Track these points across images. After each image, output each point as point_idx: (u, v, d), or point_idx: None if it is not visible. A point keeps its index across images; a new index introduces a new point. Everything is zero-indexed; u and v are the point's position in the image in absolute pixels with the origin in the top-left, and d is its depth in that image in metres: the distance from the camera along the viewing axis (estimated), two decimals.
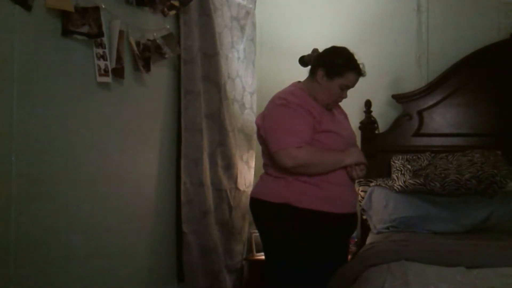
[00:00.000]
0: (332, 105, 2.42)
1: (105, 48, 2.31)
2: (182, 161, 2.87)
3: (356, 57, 2.37)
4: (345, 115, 2.56)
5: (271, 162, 2.33)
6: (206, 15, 3.04)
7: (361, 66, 2.36)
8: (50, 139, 2.06)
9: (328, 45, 2.45)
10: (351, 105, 2.96)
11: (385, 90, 3.61)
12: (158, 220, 2.79)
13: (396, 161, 3.27)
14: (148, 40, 2.63)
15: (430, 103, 3.47)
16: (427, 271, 1.90)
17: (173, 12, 2.78)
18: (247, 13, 3.58)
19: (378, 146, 3.40)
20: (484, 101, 3.39)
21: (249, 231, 3.53)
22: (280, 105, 2.29)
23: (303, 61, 2.48)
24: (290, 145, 2.20)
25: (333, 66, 2.33)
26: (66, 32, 2.10)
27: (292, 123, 2.24)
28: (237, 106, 3.42)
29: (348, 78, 2.34)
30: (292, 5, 3.86)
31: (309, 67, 2.45)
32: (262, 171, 2.46)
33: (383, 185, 3.12)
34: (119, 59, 2.39)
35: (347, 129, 2.45)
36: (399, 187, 3.02)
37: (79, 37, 2.15)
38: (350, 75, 2.33)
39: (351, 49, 2.39)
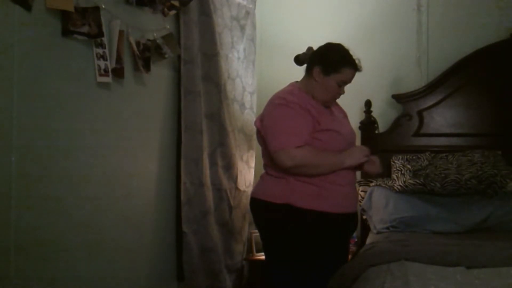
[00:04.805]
0: (330, 102, 2.41)
1: (105, 48, 2.31)
2: (182, 161, 2.87)
3: (352, 52, 2.37)
4: (344, 114, 2.56)
5: (271, 162, 2.33)
6: (206, 15, 3.04)
7: (357, 61, 2.36)
8: (50, 139, 2.06)
9: None
10: (351, 105, 2.97)
11: (385, 90, 3.61)
12: (158, 220, 2.79)
13: (396, 161, 3.27)
14: (148, 40, 2.63)
15: (430, 103, 3.47)
16: (427, 271, 1.90)
17: (173, 12, 2.78)
18: (247, 13, 3.58)
19: (378, 146, 3.39)
20: (484, 101, 3.39)
21: (249, 231, 3.53)
22: (279, 104, 2.29)
23: (298, 59, 2.48)
24: (290, 145, 2.20)
25: (329, 62, 2.32)
26: (66, 32, 2.10)
27: (292, 123, 2.24)
28: (237, 106, 3.42)
29: (345, 74, 2.33)
30: (292, 5, 3.87)
31: (305, 65, 2.45)
32: (262, 171, 2.45)
33: (383, 185, 3.12)
34: (119, 59, 2.40)
35: (346, 128, 2.45)
36: (399, 187, 3.02)
37: (79, 37, 2.16)
38: (346, 71, 2.33)
39: (351, 48, 2.39)
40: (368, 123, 3.45)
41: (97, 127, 2.31)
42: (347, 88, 2.41)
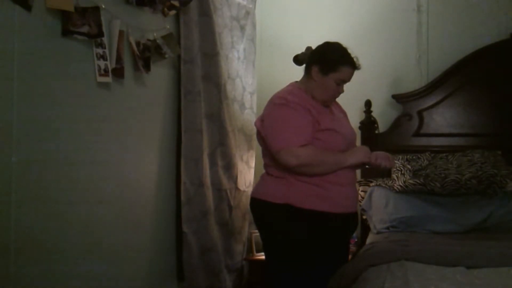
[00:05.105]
0: (330, 101, 2.41)
1: (105, 48, 2.31)
2: (182, 161, 2.87)
3: (350, 51, 2.36)
4: (345, 113, 2.56)
5: (272, 162, 2.33)
6: (206, 15, 3.04)
7: (355, 59, 2.35)
8: (50, 139, 2.06)
9: None
10: (351, 105, 2.96)
11: (385, 90, 3.61)
12: (158, 220, 2.79)
13: (396, 161, 3.27)
14: (148, 40, 2.63)
15: (430, 103, 3.47)
16: (427, 271, 1.90)
17: (173, 12, 2.78)
18: (247, 13, 3.58)
19: (378, 146, 3.39)
20: (484, 101, 3.39)
21: (249, 231, 3.53)
22: (280, 104, 2.29)
23: (297, 59, 2.48)
24: (293, 144, 2.20)
25: (327, 61, 2.32)
26: (66, 32, 2.10)
27: (294, 122, 2.24)
28: (237, 106, 3.42)
29: (343, 72, 2.33)
30: (292, 5, 3.87)
31: (304, 65, 2.45)
32: (262, 171, 2.45)
33: (383, 185, 3.12)
34: (119, 59, 2.39)
35: (346, 127, 2.45)
36: (399, 187, 3.02)
37: (79, 37, 2.15)
38: (344, 69, 2.33)
39: (349, 46, 2.39)
40: (368, 123, 3.45)
41: (97, 127, 2.31)
42: (347, 88, 2.41)
